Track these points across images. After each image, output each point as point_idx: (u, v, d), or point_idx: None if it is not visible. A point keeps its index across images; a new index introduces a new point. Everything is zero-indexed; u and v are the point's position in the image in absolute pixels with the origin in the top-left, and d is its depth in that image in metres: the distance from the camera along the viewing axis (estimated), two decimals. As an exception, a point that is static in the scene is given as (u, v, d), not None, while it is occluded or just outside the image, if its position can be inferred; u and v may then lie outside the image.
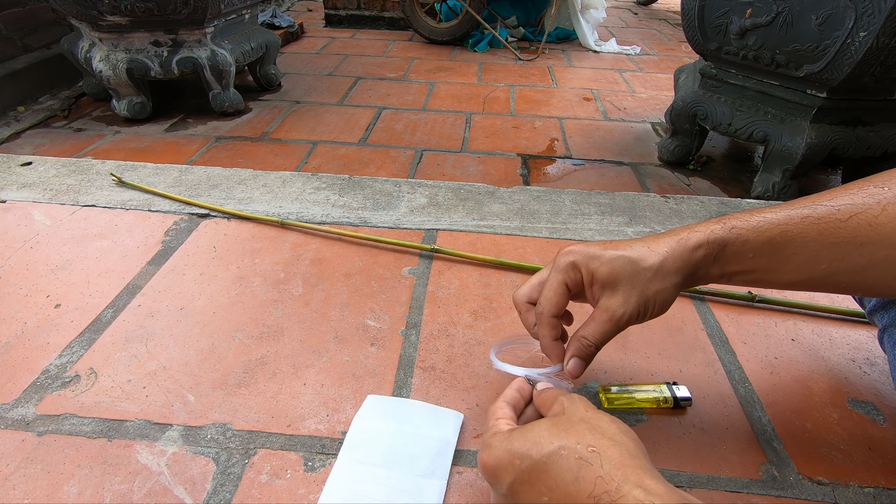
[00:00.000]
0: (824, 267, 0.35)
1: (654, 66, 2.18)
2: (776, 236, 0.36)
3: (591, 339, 0.41)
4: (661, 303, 0.40)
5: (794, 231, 0.36)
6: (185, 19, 1.37)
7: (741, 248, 0.38)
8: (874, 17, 0.84)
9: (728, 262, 0.39)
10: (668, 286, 0.39)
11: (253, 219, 0.79)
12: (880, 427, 0.49)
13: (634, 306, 0.40)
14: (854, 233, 0.34)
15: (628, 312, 0.40)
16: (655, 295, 0.40)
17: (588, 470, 0.30)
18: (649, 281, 0.39)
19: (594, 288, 0.41)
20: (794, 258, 0.36)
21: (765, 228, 0.37)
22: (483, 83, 1.91)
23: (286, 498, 0.42)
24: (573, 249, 0.42)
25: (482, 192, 0.88)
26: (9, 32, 1.61)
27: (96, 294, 0.63)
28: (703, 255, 0.39)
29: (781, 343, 0.59)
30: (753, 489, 0.43)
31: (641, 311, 0.40)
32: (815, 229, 0.35)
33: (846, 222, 0.34)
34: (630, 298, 0.40)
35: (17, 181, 0.88)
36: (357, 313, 0.61)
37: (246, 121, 1.52)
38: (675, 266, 0.39)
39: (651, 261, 0.40)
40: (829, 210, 0.35)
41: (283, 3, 3.11)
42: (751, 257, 0.38)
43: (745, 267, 0.38)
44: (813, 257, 0.35)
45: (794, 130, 1.06)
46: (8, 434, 0.46)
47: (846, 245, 0.34)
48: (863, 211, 0.34)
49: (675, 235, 0.40)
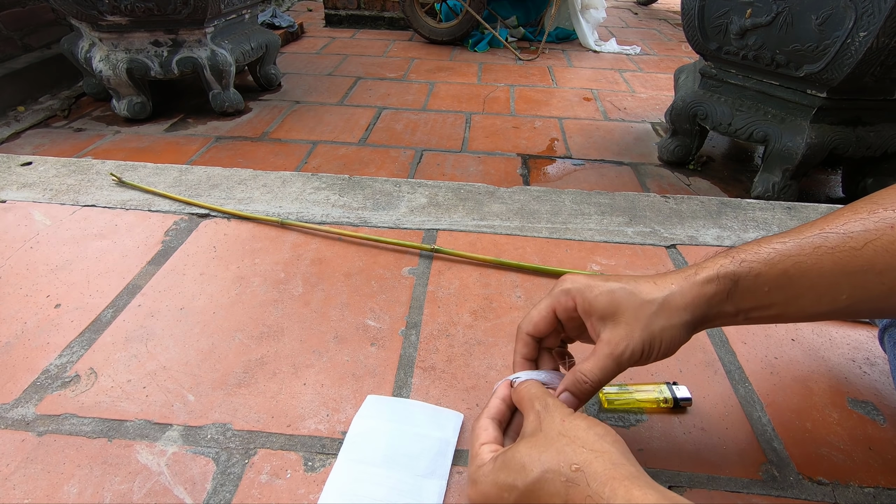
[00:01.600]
0: (845, 297, 0.34)
1: (654, 66, 2.18)
2: (790, 268, 0.34)
3: (589, 377, 0.37)
4: (669, 341, 0.36)
5: (808, 262, 0.34)
6: (185, 19, 1.37)
7: (755, 282, 0.35)
8: (874, 17, 0.84)
9: (743, 298, 0.36)
10: (676, 323, 0.36)
11: (253, 219, 0.79)
12: (880, 427, 0.49)
13: (639, 342, 0.36)
14: (871, 261, 0.32)
15: (631, 347, 0.36)
16: (662, 332, 0.36)
17: (576, 491, 0.30)
18: (654, 315, 0.36)
19: (593, 320, 0.38)
20: (813, 291, 0.34)
21: (777, 261, 0.35)
22: (483, 83, 1.91)
23: (286, 498, 0.42)
24: (571, 277, 0.40)
25: (482, 192, 0.88)
26: (9, 32, 1.61)
27: (96, 294, 0.63)
28: (714, 290, 0.36)
29: (781, 343, 0.59)
30: (753, 489, 0.43)
31: (646, 349, 0.36)
32: (829, 259, 0.34)
33: (861, 250, 0.33)
34: (634, 333, 0.36)
35: (17, 181, 0.88)
36: (357, 313, 0.61)
37: (246, 121, 1.52)
38: (684, 302, 0.36)
39: (655, 294, 0.37)
40: (842, 239, 0.34)
41: (283, 3, 3.11)
42: (766, 291, 0.35)
43: (762, 302, 0.36)
44: (832, 288, 0.34)
45: (794, 130, 1.06)
46: (8, 434, 0.46)
47: (865, 274, 0.33)
48: (877, 238, 0.32)
49: (682, 272, 0.38)
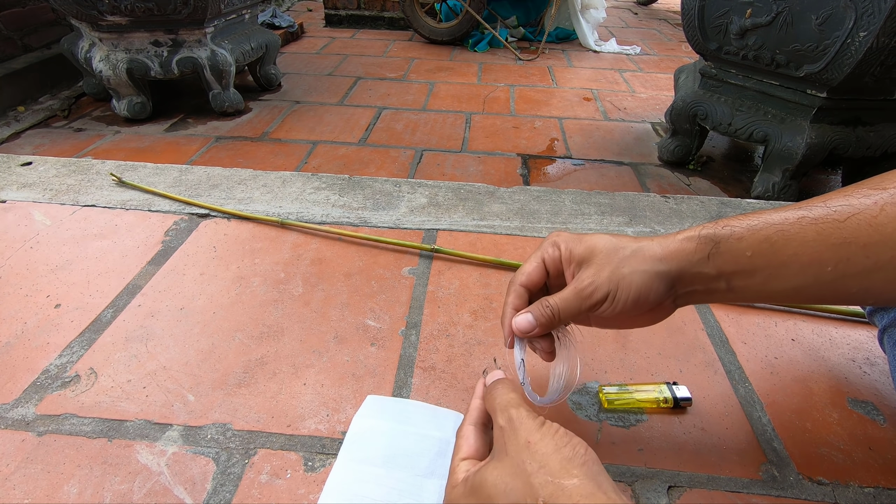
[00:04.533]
0: (830, 270, 0.34)
1: (654, 66, 2.18)
2: (772, 235, 0.35)
3: (551, 303, 0.39)
4: (638, 287, 0.37)
5: (792, 231, 0.34)
6: (185, 19, 1.37)
7: (737, 245, 0.36)
8: (874, 17, 0.84)
9: (725, 260, 0.36)
10: (648, 270, 0.37)
11: (253, 219, 0.79)
12: (880, 427, 0.49)
13: (605, 281, 0.37)
14: (855, 233, 0.33)
15: (595, 284, 0.37)
16: (631, 275, 0.37)
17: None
18: (625, 259, 0.37)
19: (572, 267, 0.40)
20: (797, 259, 0.34)
21: (760, 227, 0.35)
22: (483, 83, 1.91)
23: (286, 498, 0.42)
24: (559, 232, 0.42)
25: (482, 192, 0.88)
26: (9, 32, 1.61)
27: (96, 294, 0.63)
28: (693, 247, 0.37)
29: (781, 343, 0.59)
30: (753, 489, 0.43)
31: (612, 289, 0.37)
32: (812, 230, 0.34)
33: (844, 223, 0.33)
34: (602, 273, 0.37)
35: (17, 181, 0.88)
36: (357, 313, 0.61)
37: (246, 121, 1.52)
38: (661, 253, 0.37)
39: (632, 245, 0.38)
40: (825, 211, 0.34)
41: (283, 3, 3.11)
42: (748, 256, 0.35)
43: (743, 266, 0.36)
44: (816, 259, 0.34)
45: (794, 130, 1.06)
46: (8, 434, 0.46)
47: (849, 246, 0.33)
48: (860, 211, 0.33)
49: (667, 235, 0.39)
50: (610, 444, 0.47)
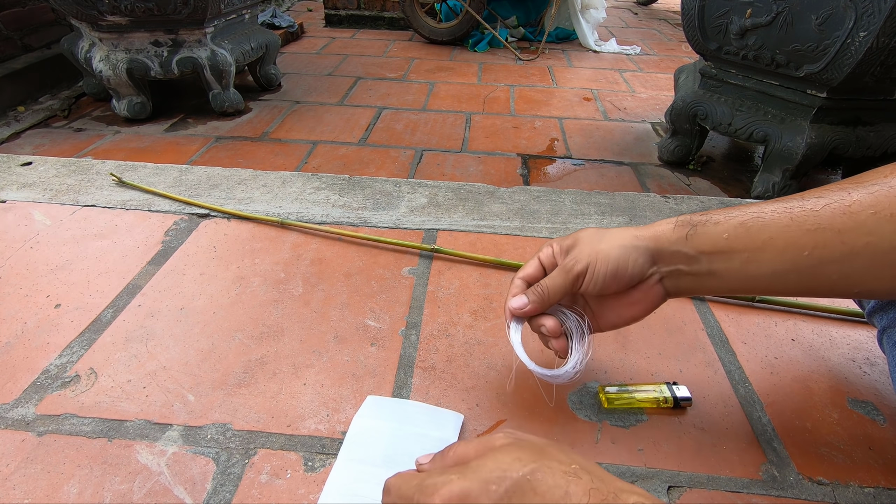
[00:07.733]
0: (807, 254, 0.35)
1: (654, 66, 2.18)
2: (748, 220, 0.37)
3: (541, 282, 0.44)
4: (616, 259, 0.40)
5: (767, 217, 0.37)
6: (185, 19, 1.37)
7: (713, 229, 0.38)
8: (874, 17, 0.84)
9: (701, 241, 0.39)
10: (624, 244, 0.41)
11: (253, 219, 0.79)
12: (880, 427, 0.49)
13: (585, 255, 0.41)
14: (829, 220, 0.34)
15: (576, 258, 0.42)
16: (609, 249, 0.41)
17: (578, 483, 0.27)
18: (604, 237, 0.42)
19: (562, 256, 0.44)
20: (773, 244, 0.36)
21: (736, 214, 0.38)
22: (483, 83, 1.91)
23: (286, 498, 0.42)
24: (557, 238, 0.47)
25: (482, 192, 0.88)
26: (9, 32, 1.61)
27: (96, 294, 0.63)
28: (671, 227, 0.40)
29: (781, 343, 0.59)
30: (753, 489, 0.43)
31: (592, 261, 0.41)
32: (787, 216, 0.36)
33: (819, 211, 0.35)
34: (583, 251, 0.42)
35: (17, 181, 0.88)
36: (357, 313, 0.61)
37: (246, 121, 1.52)
38: (638, 232, 0.41)
39: (615, 230, 0.43)
40: (800, 202, 0.36)
41: (283, 3, 3.11)
42: (725, 238, 0.38)
43: (721, 247, 0.38)
44: (792, 243, 0.35)
45: (794, 130, 1.06)
46: (8, 434, 0.46)
47: (824, 231, 0.34)
48: (833, 202, 0.35)
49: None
50: (610, 443, 0.47)
